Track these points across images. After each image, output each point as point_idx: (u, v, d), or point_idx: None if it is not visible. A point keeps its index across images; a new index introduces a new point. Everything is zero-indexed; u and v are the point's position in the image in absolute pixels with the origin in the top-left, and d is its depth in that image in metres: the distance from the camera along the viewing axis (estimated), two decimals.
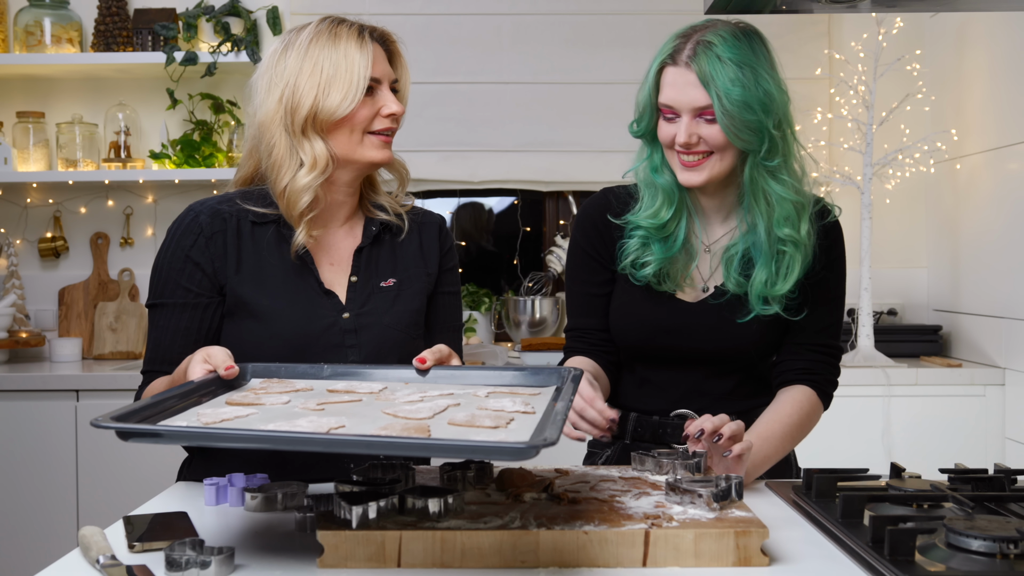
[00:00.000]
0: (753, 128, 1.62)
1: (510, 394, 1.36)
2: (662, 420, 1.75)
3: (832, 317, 1.77)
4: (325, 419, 1.19)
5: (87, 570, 1.15)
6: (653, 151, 1.73)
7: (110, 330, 3.49)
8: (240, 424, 1.18)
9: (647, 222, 1.71)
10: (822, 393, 1.75)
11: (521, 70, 3.58)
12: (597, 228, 1.79)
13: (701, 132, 1.64)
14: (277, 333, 1.57)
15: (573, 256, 1.83)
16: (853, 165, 3.51)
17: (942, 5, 1.97)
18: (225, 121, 3.49)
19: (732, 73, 1.61)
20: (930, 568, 1.10)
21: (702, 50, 1.63)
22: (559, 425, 1.10)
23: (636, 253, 1.72)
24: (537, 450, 1.01)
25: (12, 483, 3.00)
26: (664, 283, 1.73)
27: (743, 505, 1.25)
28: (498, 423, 1.18)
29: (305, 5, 3.51)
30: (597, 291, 1.80)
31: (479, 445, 1.07)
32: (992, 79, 3.14)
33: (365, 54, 1.55)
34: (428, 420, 1.21)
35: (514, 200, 3.88)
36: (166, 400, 1.24)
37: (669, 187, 1.71)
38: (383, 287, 1.65)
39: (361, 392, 1.38)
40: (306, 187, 1.55)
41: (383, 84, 1.59)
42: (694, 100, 1.63)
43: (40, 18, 3.42)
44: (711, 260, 1.76)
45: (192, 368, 1.37)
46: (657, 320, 1.74)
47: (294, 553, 1.19)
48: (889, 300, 3.61)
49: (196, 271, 1.58)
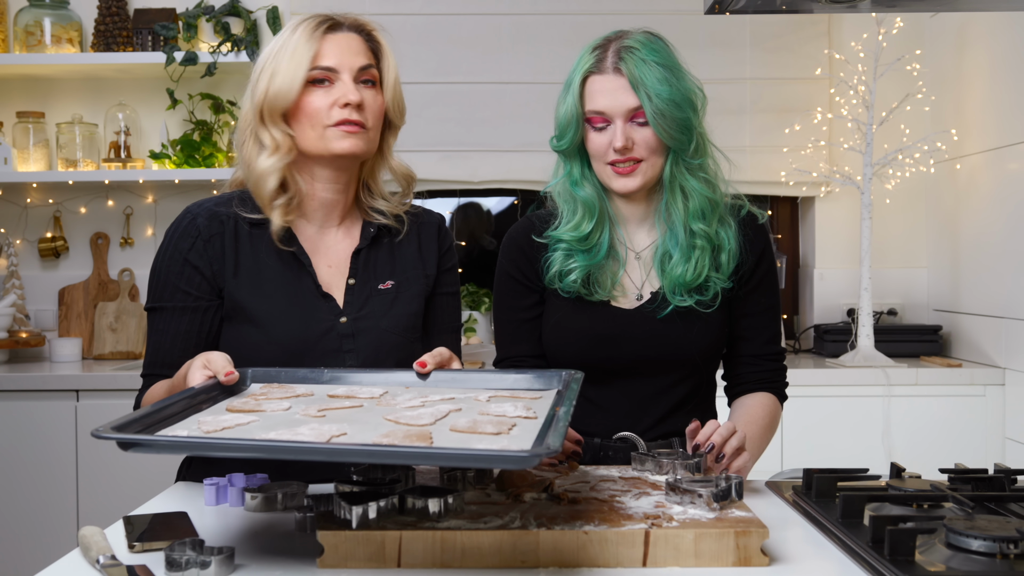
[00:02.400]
0: (683, 126, 1.66)
1: (511, 398, 1.36)
2: (604, 443, 1.74)
3: (775, 324, 1.82)
4: (327, 426, 1.18)
5: (87, 570, 1.15)
6: (572, 165, 1.74)
7: (110, 330, 3.49)
8: (241, 432, 1.18)
9: (569, 235, 1.72)
10: (780, 396, 1.81)
11: (521, 70, 3.58)
12: (522, 250, 1.79)
13: (633, 136, 1.66)
14: (274, 338, 1.56)
15: (499, 284, 1.82)
16: (853, 165, 3.51)
17: (942, 5, 1.97)
18: (225, 121, 3.49)
19: (658, 73, 1.64)
20: (930, 568, 1.10)
21: (626, 55, 1.66)
22: (561, 432, 1.10)
23: (560, 264, 1.73)
24: (540, 458, 1.02)
25: (12, 483, 3.00)
26: (595, 292, 1.72)
27: (743, 505, 1.25)
28: (500, 429, 1.18)
29: (305, 5, 3.51)
30: (526, 315, 1.79)
31: (482, 454, 1.07)
32: (992, 79, 3.14)
33: (312, 44, 1.55)
34: (430, 427, 1.20)
35: (514, 200, 3.88)
36: (166, 408, 1.24)
37: (590, 200, 1.73)
38: (381, 289, 1.65)
39: (362, 397, 1.37)
40: (268, 169, 1.57)
41: (340, 74, 1.57)
42: (625, 103, 1.65)
43: (40, 18, 3.42)
44: (642, 267, 1.76)
45: (192, 374, 1.37)
46: (595, 329, 1.72)
47: (294, 553, 1.19)
48: (889, 300, 3.61)
49: (195, 274, 1.58)
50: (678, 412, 1.75)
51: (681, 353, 1.73)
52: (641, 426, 1.73)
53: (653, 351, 1.72)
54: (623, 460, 1.67)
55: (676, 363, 1.74)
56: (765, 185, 3.56)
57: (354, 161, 1.62)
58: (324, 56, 1.56)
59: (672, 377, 1.75)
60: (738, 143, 3.49)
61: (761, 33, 3.56)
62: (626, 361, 1.73)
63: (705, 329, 1.72)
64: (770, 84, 3.57)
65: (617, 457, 1.71)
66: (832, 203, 3.64)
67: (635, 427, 1.71)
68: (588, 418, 1.76)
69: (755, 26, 3.55)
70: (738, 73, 3.54)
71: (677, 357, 1.73)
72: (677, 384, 1.75)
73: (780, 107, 3.57)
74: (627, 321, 1.72)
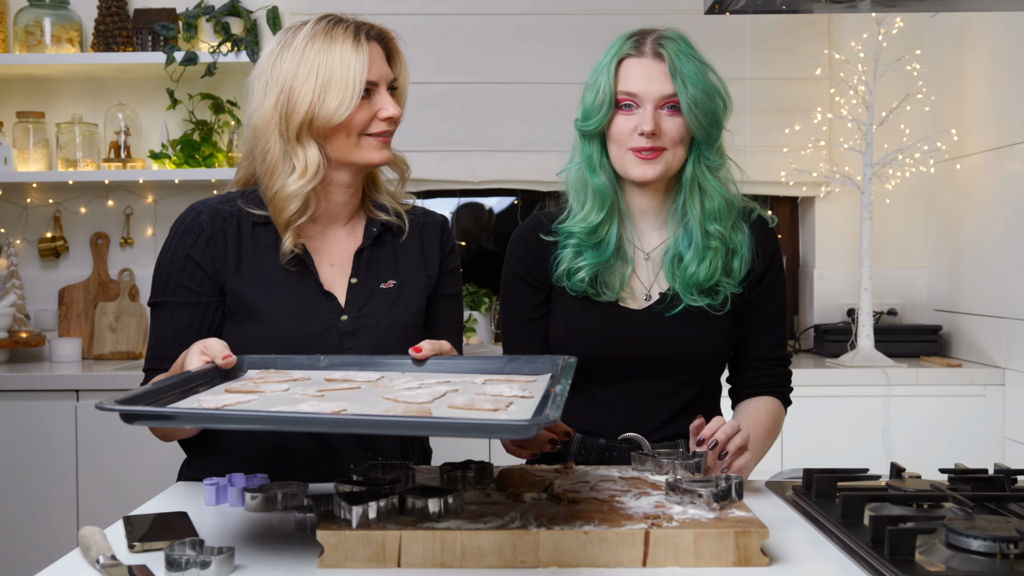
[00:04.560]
0: (713, 119, 1.67)
1: (507, 381, 1.38)
2: (609, 443, 1.74)
3: (782, 329, 1.82)
4: (326, 404, 1.19)
5: (87, 570, 1.15)
6: (593, 149, 1.73)
7: (110, 330, 3.49)
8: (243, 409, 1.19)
9: (578, 227, 1.72)
10: (785, 400, 1.82)
11: (521, 70, 3.58)
12: (530, 249, 1.78)
13: (661, 124, 1.66)
14: (276, 334, 1.57)
15: (506, 283, 1.82)
16: (853, 165, 3.51)
17: (942, 5, 1.97)
18: (225, 121, 3.49)
19: (696, 66, 1.66)
20: (930, 568, 1.10)
21: (667, 43, 1.67)
22: (559, 405, 1.12)
23: (569, 261, 1.72)
24: (539, 427, 1.04)
25: (12, 483, 3.00)
26: (603, 292, 1.72)
27: (743, 505, 1.25)
28: (498, 406, 1.19)
29: (305, 5, 3.51)
30: (532, 315, 1.79)
31: (483, 423, 1.10)
32: (992, 79, 3.14)
33: (361, 57, 1.52)
34: (428, 404, 1.22)
35: (514, 200, 3.88)
36: (165, 388, 1.25)
37: (603, 189, 1.72)
38: (383, 289, 1.65)
39: (359, 380, 1.39)
40: (295, 193, 1.54)
41: (380, 86, 1.57)
42: (661, 88, 1.65)
43: (40, 18, 3.42)
44: (651, 268, 1.76)
45: (189, 360, 1.38)
46: (603, 329, 1.72)
47: (294, 553, 1.19)
48: (889, 300, 3.61)
49: (197, 270, 1.58)
50: (684, 414, 1.74)
51: (689, 354, 1.72)
52: (647, 427, 1.72)
53: (661, 351, 1.72)
54: (628, 462, 1.66)
55: (684, 364, 1.73)
56: (765, 185, 3.56)
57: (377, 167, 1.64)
58: (369, 69, 1.54)
59: (679, 379, 1.74)
60: (738, 143, 3.48)
61: (761, 33, 3.56)
62: (633, 361, 1.72)
63: (714, 331, 1.72)
64: (770, 84, 3.57)
65: (622, 458, 1.71)
66: (832, 203, 3.64)
67: (641, 428, 1.71)
68: (594, 419, 1.76)
69: (755, 26, 3.55)
70: (738, 73, 3.54)
71: (685, 358, 1.73)
72: (684, 386, 1.75)
73: (780, 107, 3.57)
74: (636, 321, 1.72)
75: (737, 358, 1.81)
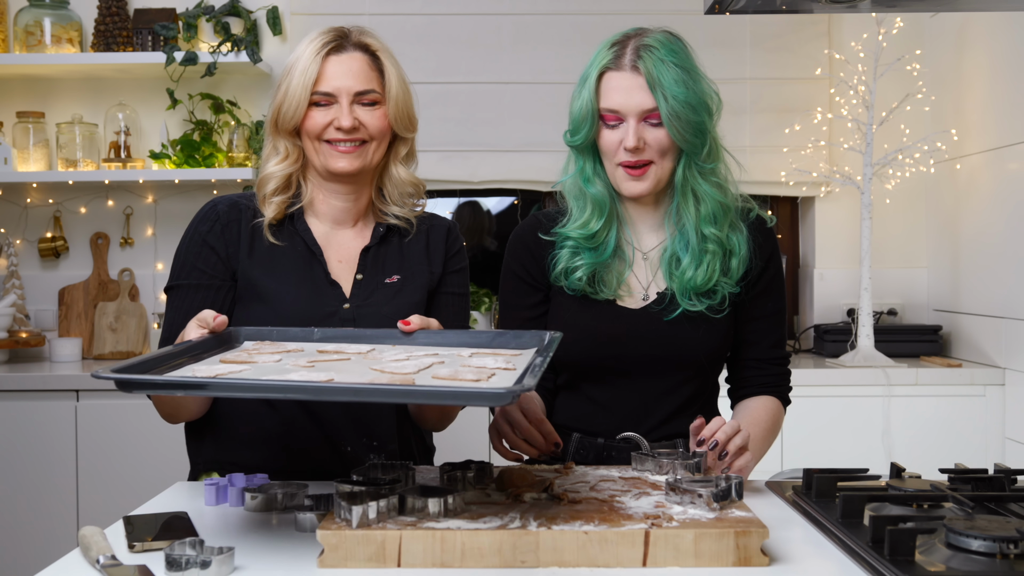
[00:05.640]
0: (697, 129, 1.65)
1: (492, 354, 1.41)
2: (607, 443, 1.74)
3: (781, 328, 1.82)
4: (315, 374, 1.23)
5: (87, 570, 1.15)
6: (585, 161, 1.73)
7: (110, 330, 3.48)
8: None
9: (577, 232, 1.72)
10: (784, 400, 1.81)
11: (521, 70, 3.58)
12: (528, 248, 1.79)
13: (646, 136, 1.65)
14: (281, 315, 1.63)
15: (505, 282, 1.82)
16: (853, 165, 3.51)
17: (942, 5, 1.97)
18: (225, 121, 3.49)
19: (676, 75, 1.63)
20: (930, 568, 1.10)
21: (645, 53, 1.64)
22: (536, 375, 1.17)
23: (567, 261, 1.73)
24: (515, 396, 1.08)
25: (12, 483, 3.00)
26: (601, 291, 1.72)
27: (743, 505, 1.25)
28: (480, 377, 1.23)
29: (305, 5, 3.51)
30: (530, 313, 1.79)
31: (460, 390, 1.15)
32: (992, 79, 3.14)
33: (313, 69, 1.63)
34: (413, 375, 1.25)
35: (514, 200, 3.88)
36: (162, 357, 1.28)
37: (600, 197, 1.72)
38: (387, 283, 1.71)
39: (350, 352, 1.43)
40: (273, 174, 1.68)
41: (339, 98, 1.63)
42: (641, 103, 1.64)
43: (40, 18, 3.41)
44: (648, 268, 1.76)
45: (187, 333, 1.44)
46: (600, 328, 1.72)
47: (294, 553, 1.19)
48: (889, 300, 3.61)
49: (211, 255, 1.67)
50: (682, 414, 1.74)
51: (687, 354, 1.72)
52: (644, 427, 1.72)
53: (659, 351, 1.72)
54: (626, 461, 1.66)
55: (682, 364, 1.73)
56: (765, 185, 3.56)
57: (352, 177, 1.68)
58: (324, 80, 1.63)
59: (677, 378, 1.74)
60: (738, 143, 3.48)
61: (761, 33, 3.56)
62: (631, 361, 1.72)
63: (712, 331, 1.72)
64: (770, 84, 3.57)
65: (621, 458, 1.71)
66: (832, 203, 3.64)
67: (639, 428, 1.71)
68: (592, 418, 1.76)
69: (755, 26, 3.55)
70: (738, 73, 3.54)
71: (683, 358, 1.73)
72: (682, 385, 1.75)
73: (780, 107, 3.57)
74: (633, 321, 1.72)
75: (736, 358, 1.81)
